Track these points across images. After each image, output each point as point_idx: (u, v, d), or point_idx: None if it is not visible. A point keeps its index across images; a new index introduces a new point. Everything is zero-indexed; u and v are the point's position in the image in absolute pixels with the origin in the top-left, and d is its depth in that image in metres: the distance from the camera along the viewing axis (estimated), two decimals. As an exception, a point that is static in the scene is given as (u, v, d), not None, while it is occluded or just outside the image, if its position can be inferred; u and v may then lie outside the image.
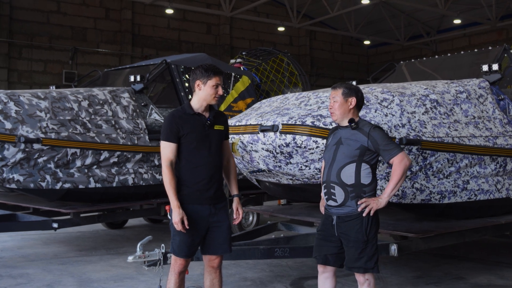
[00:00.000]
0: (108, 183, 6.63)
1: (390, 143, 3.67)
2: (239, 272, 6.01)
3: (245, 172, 5.55)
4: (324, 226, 3.82)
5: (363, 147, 3.67)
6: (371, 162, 3.71)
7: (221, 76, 3.84)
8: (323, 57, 25.56)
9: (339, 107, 3.77)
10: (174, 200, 3.69)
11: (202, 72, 3.80)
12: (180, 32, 21.66)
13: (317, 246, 3.87)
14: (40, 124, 6.11)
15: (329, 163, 3.76)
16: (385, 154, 3.65)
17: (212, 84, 3.78)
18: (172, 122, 3.78)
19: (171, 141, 3.76)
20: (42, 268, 6.25)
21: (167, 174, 3.72)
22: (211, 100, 3.82)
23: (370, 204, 3.63)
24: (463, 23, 21.85)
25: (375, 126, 3.76)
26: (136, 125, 6.93)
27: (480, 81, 5.71)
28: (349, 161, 3.67)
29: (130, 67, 8.68)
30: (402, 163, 3.63)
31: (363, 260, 3.65)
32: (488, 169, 5.32)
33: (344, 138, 3.74)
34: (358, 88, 3.86)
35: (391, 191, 3.65)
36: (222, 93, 3.87)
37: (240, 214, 4.01)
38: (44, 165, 6.17)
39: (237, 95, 8.34)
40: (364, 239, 3.63)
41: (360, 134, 3.70)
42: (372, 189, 3.71)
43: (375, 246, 3.70)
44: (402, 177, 3.64)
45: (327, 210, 3.81)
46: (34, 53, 18.78)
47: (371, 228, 3.67)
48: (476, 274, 5.94)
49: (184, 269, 3.89)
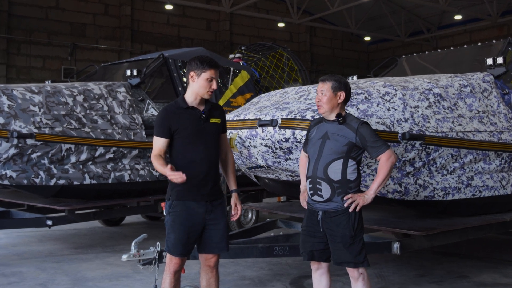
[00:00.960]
0: (104, 179, 6.49)
1: (377, 140, 3.64)
2: (237, 271, 5.88)
3: (243, 168, 5.41)
4: (309, 222, 3.78)
5: (351, 143, 3.63)
6: (357, 158, 3.69)
7: (217, 69, 3.69)
8: (323, 53, 25.42)
9: (327, 101, 3.69)
10: (164, 169, 3.47)
11: (197, 63, 3.66)
12: (179, 28, 21.52)
13: (302, 242, 3.84)
14: (33, 119, 5.97)
15: (315, 158, 3.70)
16: (372, 150, 3.63)
17: (206, 77, 3.65)
18: (164, 118, 3.66)
19: (162, 137, 3.65)
20: (36, 267, 6.12)
21: (155, 160, 3.57)
22: (204, 93, 3.68)
23: (356, 200, 3.61)
24: (464, 19, 21.72)
25: (363, 122, 3.70)
26: (133, 120, 6.79)
27: (485, 75, 5.57)
28: (337, 157, 3.63)
29: (127, 62, 8.53)
30: (390, 160, 3.61)
31: (352, 255, 3.63)
32: (493, 165, 5.19)
33: (331, 133, 3.68)
34: (347, 82, 3.78)
35: (377, 187, 3.65)
36: (216, 88, 3.73)
37: (238, 210, 3.87)
38: (37, 161, 6.03)
39: (236, 90, 8.20)
40: (351, 234, 3.61)
41: (348, 130, 3.64)
42: (357, 185, 3.70)
43: (362, 241, 3.68)
44: (389, 174, 3.64)
45: (311, 205, 3.76)
46: (32, 49, 18.65)
47: (358, 223, 3.65)
48: (480, 272, 5.82)
49: (179, 268, 3.76)
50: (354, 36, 26.14)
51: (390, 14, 22.32)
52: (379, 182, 3.63)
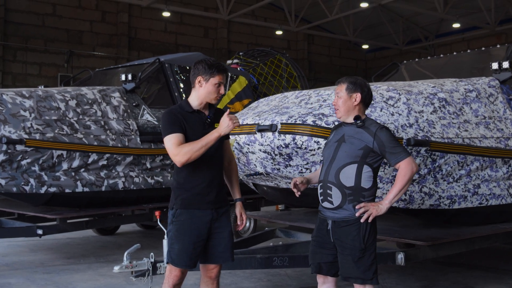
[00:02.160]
0: (97, 187, 6.28)
1: (397, 146, 3.38)
2: (235, 282, 5.67)
3: (241, 176, 5.22)
4: (319, 232, 3.53)
5: (368, 147, 3.37)
6: (374, 165, 3.41)
7: (225, 74, 3.52)
8: (321, 61, 25.34)
9: (343, 103, 3.48)
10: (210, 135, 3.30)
11: (206, 68, 3.46)
12: (177, 36, 21.42)
13: (312, 253, 3.59)
14: (24, 124, 5.77)
15: (328, 161, 3.46)
16: (391, 157, 3.36)
17: (214, 82, 3.46)
18: (173, 116, 3.42)
19: (176, 132, 3.37)
20: (26, 278, 5.89)
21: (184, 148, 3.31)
22: (212, 99, 3.50)
23: (369, 210, 3.33)
24: (462, 27, 21.70)
25: (383, 126, 3.45)
26: (127, 126, 6.59)
27: (490, 80, 5.41)
28: (351, 161, 3.37)
29: (122, 67, 8.35)
30: (409, 168, 3.34)
31: (360, 270, 3.35)
32: (500, 172, 5.01)
33: (348, 136, 3.44)
34: (364, 83, 3.54)
35: (393, 197, 3.36)
36: (224, 93, 3.55)
37: (244, 220, 3.68)
38: (28, 168, 5.82)
39: (234, 96, 8.02)
40: (361, 247, 3.34)
41: (366, 134, 3.39)
42: (371, 194, 3.42)
43: (373, 255, 3.39)
44: (407, 183, 3.35)
45: (322, 213, 3.52)
46: (29, 56, 18.52)
47: (370, 235, 3.38)
48: (486, 283, 5.62)
49: (179, 282, 3.54)
50: (352, 44, 26.09)
51: (388, 22, 22.27)
52: (396, 192, 3.35)
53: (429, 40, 23.70)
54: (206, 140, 3.30)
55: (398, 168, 3.38)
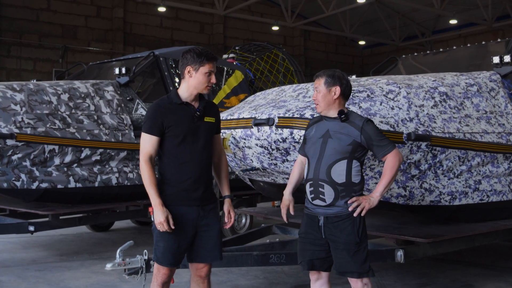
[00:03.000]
0: (90, 182, 6.16)
1: (383, 139, 3.36)
2: (231, 279, 5.56)
3: (237, 171, 5.11)
4: (309, 228, 3.46)
5: (356, 142, 3.33)
6: (361, 159, 3.40)
7: (215, 62, 3.40)
8: (318, 57, 25.25)
9: (322, 97, 3.42)
10: (155, 197, 3.24)
11: (194, 57, 3.34)
12: (172, 31, 21.28)
13: (301, 251, 3.52)
14: (14, 118, 5.63)
15: (316, 158, 3.39)
16: (378, 150, 3.35)
17: (205, 71, 3.34)
18: (156, 113, 3.33)
19: (153, 134, 3.32)
20: (17, 275, 5.77)
21: (146, 169, 3.27)
22: (203, 89, 3.38)
23: (362, 203, 3.31)
24: (459, 23, 21.68)
25: (368, 120, 3.41)
26: (121, 121, 6.47)
27: (491, 74, 5.31)
28: (340, 157, 3.33)
29: (116, 61, 8.22)
30: (397, 159, 3.34)
31: (357, 264, 3.32)
32: (501, 168, 4.91)
33: (333, 132, 3.38)
34: (343, 75, 3.47)
35: (383, 189, 3.35)
36: (216, 81, 3.43)
37: (232, 218, 3.56)
38: (18, 163, 5.69)
39: (230, 90, 7.90)
40: (356, 240, 3.31)
41: (352, 128, 3.35)
42: (361, 188, 3.41)
43: (367, 248, 3.38)
44: (395, 174, 3.36)
45: (311, 210, 3.45)
46: (23, 51, 18.37)
47: (363, 229, 3.36)
48: (485, 281, 5.53)
49: (168, 279, 3.44)
50: (348, 40, 26.00)
51: (385, 18, 22.18)
52: (385, 184, 3.33)
53: (426, 36, 23.65)
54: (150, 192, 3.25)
55: (384, 161, 3.37)
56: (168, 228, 3.21)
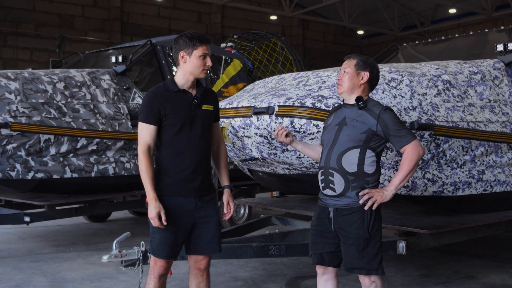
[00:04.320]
0: (86, 173, 6.06)
1: (402, 129, 3.16)
2: (229, 271, 5.49)
3: (236, 161, 5.02)
4: (319, 220, 3.32)
5: (371, 131, 3.15)
6: (377, 149, 3.20)
7: (208, 44, 3.28)
8: (316, 47, 25.09)
9: (348, 79, 3.25)
10: (150, 191, 3.15)
11: (186, 41, 3.23)
12: (170, 21, 21.10)
13: (312, 244, 3.38)
14: (9, 107, 5.52)
15: (329, 146, 3.24)
16: (396, 141, 3.14)
17: (198, 54, 3.22)
18: (153, 101, 3.22)
19: (151, 123, 3.21)
20: (12, 266, 5.69)
21: (143, 161, 3.17)
22: (199, 73, 3.26)
23: (373, 196, 3.12)
24: (458, 13, 21.52)
25: (387, 108, 3.22)
26: (118, 110, 6.36)
27: (495, 62, 5.21)
28: (353, 145, 3.16)
29: (113, 49, 8.09)
30: (416, 152, 3.12)
31: (365, 260, 3.15)
32: (505, 158, 4.83)
33: (349, 119, 3.22)
34: (375, 64, 3.33)
35: (399, 182, 3.15)
36: (211, 64, 3.32)
37: (231, 208, 3.47)
38: (13, 153, 5.58)
39: (228, 79, 7.79)
40: (366, 236, 3.14)
41: (369, 116, 3.17)
42: (375, 180, 3.22)
43: (378, 244, 3.19)
44: (413, 168, 3.14)
45: (323, 201, 3.30)
46: (19, 41, 18.18)
47: (374, 224, 3.17)
48: (487, 272, 5.47)
49: (165, 272, 3.34)
50: (347, 30, 25.84)
51: (384, 7, 22.01)
52: (402, 177, 3.13)
53: (425, 26, 23.48)
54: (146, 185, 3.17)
55: (403, 152, 3.17)
56: (159, 224, 3.13)
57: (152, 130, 3.21)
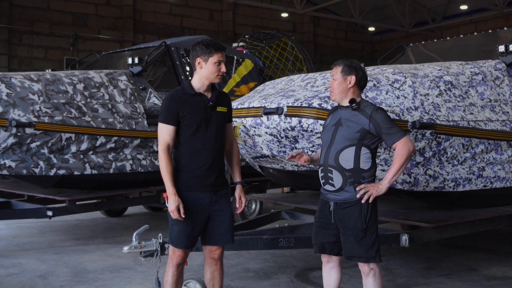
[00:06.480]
0: (105, 169, 6.36)
1: (393, 127, 3.45)
2: (241, 263, 5.76)
3: (247, 158, 5.28)
4: (321, 213, 3.64)
5: (364, 130, 3.45)
6: (372, 146, 3.50)
7: (223, 51, 3.55)
8: (327, 44, 25.21)
9: (337, 85, 3.55)
10: (170, 186, 3.44)
11: (203, 48, 3.51)
12: (182, 19, 21.35)
13: (315, 234, 3.71)
14: (32, 108, 5.83)
15: (327, 145, 3.55)
16: (387, 138, 3.44)
17: (214, 61, 3.50)
18: (172, 103, 3.50)
19: (170, 124, 3.49)
20: (36, 258, 6.01)
21: (164, 159, 3.45)
22: (214, 78, 3.54)
23: (369, 191, 3.42)
24: (470, 9, 21.50)
25: (378, 108, 3.52)
26: (134, 109, 6.65)
27: (496, 63, 5.40)
28: (348, 144, 3.46)
29: (129, 50, 8.38)
30: (406, 148, 3.40)
31: (363, 249, 3.46)
32: (505, 155, 5.04)
33: (344, 119, 3.52)
34: (360, 66, 3.61)
35: (392, 177, 3.44)
36: (225, 70, 3.59)
37: (243, 203, 3.74)
38: (37, 151, 5.90)
39: (240, 79, 8.04)
40: (363, 227, 3.44)
41: (361, 116, 3.47)
42: (371, 175, 3.51)
43: (375, 234, 3.50)
44: (405, 163, 3.42)
45: (324, 196, 3.62)
46: (34, 39, 18.54)
47: (371, 215, 3.47)
48: (489, 265, 5.68)
49: (182, 261, 3.63)
50: (358, 27, 25.92)
51: (395, 4, 22.08)
52: (394, 172, 3.42)
53: (436, 22, 23.50)
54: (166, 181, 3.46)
55: (395, 148, 3.45)
56: (178, 217, 3.41)
57: (171, 130, 3.49)
